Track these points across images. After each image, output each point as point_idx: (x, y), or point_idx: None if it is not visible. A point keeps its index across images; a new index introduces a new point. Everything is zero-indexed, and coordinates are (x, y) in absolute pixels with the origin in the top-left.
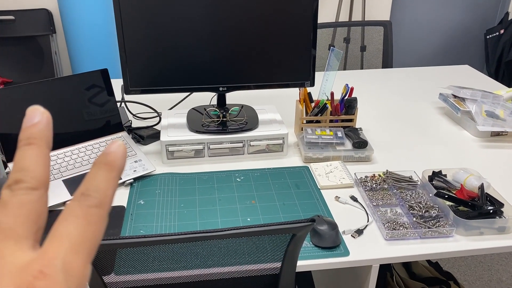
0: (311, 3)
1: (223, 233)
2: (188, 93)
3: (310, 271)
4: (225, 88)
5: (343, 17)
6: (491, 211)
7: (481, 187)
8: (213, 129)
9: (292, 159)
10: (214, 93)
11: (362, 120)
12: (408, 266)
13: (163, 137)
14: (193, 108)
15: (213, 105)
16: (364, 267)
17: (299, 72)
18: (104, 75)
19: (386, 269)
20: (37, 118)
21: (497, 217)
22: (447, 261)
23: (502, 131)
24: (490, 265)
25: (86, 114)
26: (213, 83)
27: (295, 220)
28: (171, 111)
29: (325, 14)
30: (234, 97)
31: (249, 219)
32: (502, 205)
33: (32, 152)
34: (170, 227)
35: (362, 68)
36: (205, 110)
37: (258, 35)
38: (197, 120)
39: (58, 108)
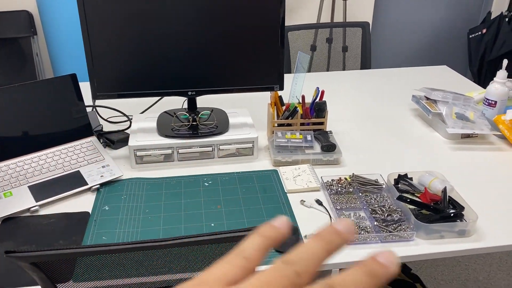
0: (278, 7)
1: (167, 243)
2: (159, 97)
3: None
4: (194, 93)
5: (325, 18)
6: (452, 215)
7: (444, 191)
8: (183, 133)
9: (262, 163)
10: (184, 98)
11: (337, 122)
12: None
13: (131, 141)
14: (165, 112)
15: (183, 109)
16: (324, 271)
17: (268, 76)
18: (73, 80)
19: None
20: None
21: (458, 220)
22: (424, 260)
23: (472, 133)
24: (467, 264)
25: (54, 119)
26: (181, 87)
27: (246, 227)
28: (142, 115)
29: (307, 15)
30: (208, 100)
31: (213, 225)
32: (463, 208)
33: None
34: (133, 233)
35: (344, 68)
36: (175, 114)
37: (226, 39)
38: (167, 124)
39: (26, 114)
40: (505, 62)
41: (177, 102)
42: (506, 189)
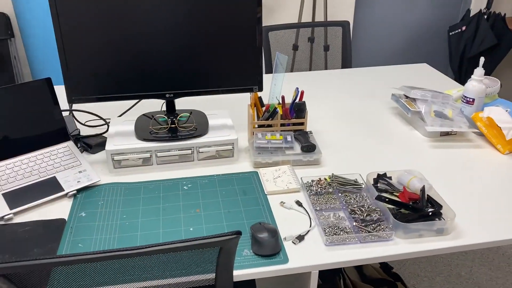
0: (254, 8)
1: (143, 250)
2: (137, 100)
3: (253, 279)
4: (172, 95)
5: (307, 17)
6: (430, 214)
7: (423, 190)
8: (161, 137)
9: (242, 165)
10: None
11: (318, 122)
12: (359, 268)
13: (109, 146)
14: (143, 115)
15: (162, 112)
16: (304, 273)
17: (246, 78)
18: (48, 84)
19: (335, 273)
20: None
21: (437, 219)
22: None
23: (451, 131)
24: (450, 260)
25: (29, 124)
26: (159, 90)
27: (220, 233)
28: (120, 118)
29: (288, 15)
30: (188, 102)
31: (191, 229)
32: (441, 207)
33: None
34: (110, 239)
35: (326, 67)
36: (153, 117)
37: (203, 41)
38: (145, 128)
39: (0, 119)
40: (481, 60)
41: (157, 105)
42: (484, 186)
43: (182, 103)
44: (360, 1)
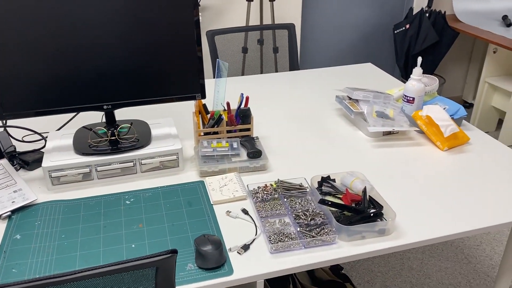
0: (191, 11)
1: (73, 276)
2: (75, 113)
3: None
4: (110, 106)
5: (255, 20)
6: (371, 215)
7: (364, 191)
8: (101, 150)
9: (188, 174)
10: (102, 112)
11: (265, 126)
12: (310, 270)
13: (45, 162)
14: (83, 127)
15: (102, 123)
16: (250, 283)
17: (189, 85)
18: None
19: (286, 278)
20: None
21: (378, 220)
22: None
23: (392, 130)
24: (402, 253)
25: None
26: (96, 101)
27: (154, 253)
28: (58, 132)
29: (236, 18)
30: (130, 112)
31: (133, 246)
32: (381, 207)
33: None
34: (46, 262)
35: (276, 69)
36: (91, 129)
37: (140, 49)
38: (84, 141)
39: None
40: (419, 59)
41: (98, 116)
42: (425, 183)
43: (124, 113)
44: (307, 3)
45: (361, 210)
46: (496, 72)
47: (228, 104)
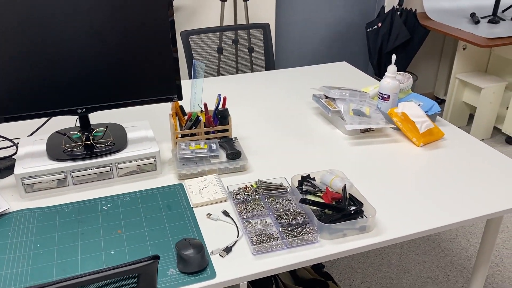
0: (165, 12)
1: (51, 287)
2: (47, 118)
3: None
4: (84, 110)
5: (229, 20)
6: (352, 212)
7: (344, 189)
8: (76, 155)
9: (166, 178)
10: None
11: (243, 127)
12: (293, 270)
13: (17, 169)
14: (56, 132)
15: (76, 128)
16: (233, 286)
17: (165, 87)
18: None
19: (269, 279)
20: None
21: (359, 217)
22: None
23: (369, 128)
24: (381, 249)
25: None
26: (69, 105)
27: (136, 260)
28: (31, 138)
29: (210, 18)
30: (105, 115)
31: (112, 252)
32: (362, 204)
33: None
34: (22, 273)
35: (252, 69)
36: (65, 134)
37: (114, 51)
38: (58, 146)
39: None
40: (393, 57)
41: (72, 120)
42: (402, 179)
43: (99, 117)
44: (280, 3)
45: (342, 208)
46: (466, 68)
47: (205, 105)
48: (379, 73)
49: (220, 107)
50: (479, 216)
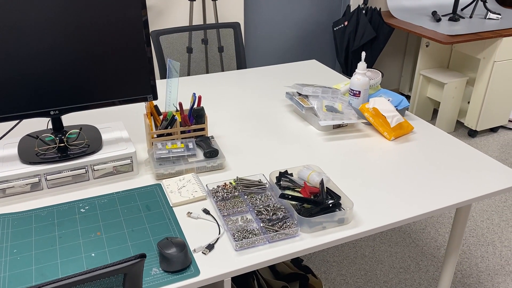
0: (139, 11)
1: None
2: (17, 121)
3: None
4: (57, 112)
5: (198, 19)
6: (330, 205)
7: (322, 183)
8: (50, 158)
9: (144, 178)
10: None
11: (219, 125)
12: (272, 265)
13: None
14: (27, 135)
15: (48, 130)
16: (217, 282)
17: (139, 87)
18: None
19: (249, 275)
20: None
21: (337, 209)
22: None
23: (342, 124)
24: (354, 242)
25: None
26: (41, 107)
27: (122, 259)
28: (0, 142)
29: (179, 18)
30: (78, 117)
31: (93, 255)
32: (339, 197)
33: None
34: None
35: (223, 69)
36: (38, 137)
37: (86, 51)
38: (31, 149)
39: None
40: (363, 54)
41: (42, 123)
42: (375, 172)
43: (72, 119)
44: (248, 2)
45: (320, 202)
46: (429, 65)
47: (180, 104)
48: (346, 71)
49: (195, 106)
50: (449, 206)
